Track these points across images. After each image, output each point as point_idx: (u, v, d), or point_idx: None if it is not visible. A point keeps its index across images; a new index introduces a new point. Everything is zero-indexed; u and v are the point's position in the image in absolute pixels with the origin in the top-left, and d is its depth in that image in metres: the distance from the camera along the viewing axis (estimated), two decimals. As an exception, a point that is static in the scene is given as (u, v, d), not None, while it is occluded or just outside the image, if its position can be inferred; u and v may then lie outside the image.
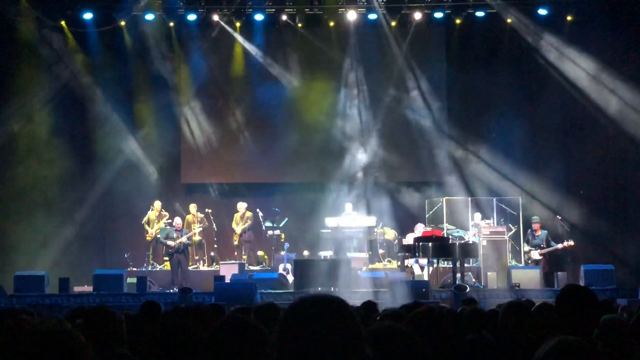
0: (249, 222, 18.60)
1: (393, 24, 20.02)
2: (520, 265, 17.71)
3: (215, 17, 19.75)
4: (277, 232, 18.72)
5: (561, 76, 19.26)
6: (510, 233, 18.04)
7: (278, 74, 20.18)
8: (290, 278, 16.62)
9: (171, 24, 19.83)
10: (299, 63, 20.22)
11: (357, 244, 18.77)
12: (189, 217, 18.42)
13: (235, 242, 18.61)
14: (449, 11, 19.79)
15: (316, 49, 20.18)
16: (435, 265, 17.02)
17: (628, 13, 18.43)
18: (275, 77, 20.14)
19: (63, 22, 19.29)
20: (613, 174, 18.94)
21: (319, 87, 20.10)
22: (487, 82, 19.69)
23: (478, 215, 18.33)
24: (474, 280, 16.99)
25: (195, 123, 20.11)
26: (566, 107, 19.66)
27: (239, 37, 20.06)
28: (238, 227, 18.57)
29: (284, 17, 19.90)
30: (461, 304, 8.49)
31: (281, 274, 16.72)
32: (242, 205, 18.70)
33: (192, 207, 18.60)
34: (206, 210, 18.68)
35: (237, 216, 18.66)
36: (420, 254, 16.11)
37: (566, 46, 19.05)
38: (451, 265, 16.39)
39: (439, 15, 19.80)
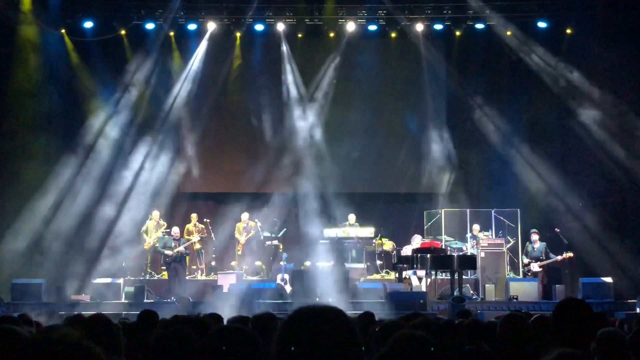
0: (253, 232, 18.59)
1: (393, 35, 20.09)
2: (519, 277, 17.69)
3: (215, 27, 19.80)
4: (276, 242, 18.71)
5: (558, 87, 19.36)
6: (508, 245, 18.03)
7: (278, 84, 20.23)
8: (289, 288, 16.60)
9: (171, 33, 19.91)
10: (299, 73, 20.28)
11: (356, 254, 18.78)
12: (189, 227, 18.40)
13: (239, 252, 18.59)
14: (449, 23, 19.85)
15: (316, 59, 20.24)
16: (433, 277, 16.99)
17: (626, 27, 18.46)
18: (275, 87, 20.20)
19: (63, 31, 19.35)
20: (611, 185, 18.92)
21: (320, 97, 20.15)
22: (487, 92, 19.77)
23: (476, 226, 18.32)
24: (472, 292, 16.97)
25: (195, 132, 20.13)
26: (564, 116, 19.74)
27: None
28: (242, 236, 18.55)
29: (284, 28, 19.95)
30: (457, 316, 8.47)
31: (279, 284, 16.69)
32: (245, 216, 18.69)
33: (193, 217, 18.58)
34: (205, 220, 18.68)
35: (239, 226, 18.64)
36: (419, 265, 16.08)
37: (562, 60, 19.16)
38: (449, 277, 16.36)
39: (438, 27, 19.87)
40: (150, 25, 19.58)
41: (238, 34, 20.05)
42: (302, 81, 20.29)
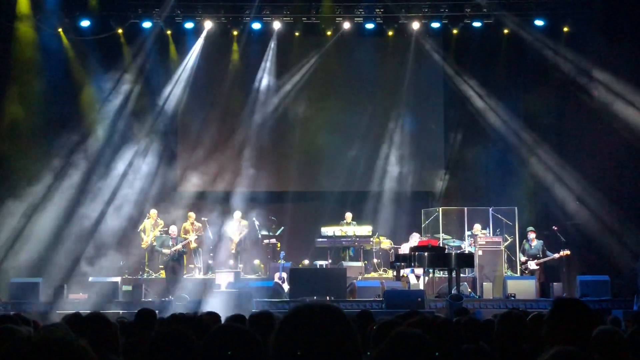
0: (245, 230, 18.59)
1: (390, 33, 20.09)
2: (516, 275, 17.71)
3: (212, 25, 19.79)
4: (273, 240, 18.70)
5: (559, 85, 19.40)
6: (506, 243, 18.04)
7: (275, 83, 20.23)
8: (286, 287, 16.59)
9: (168, 31, 19.91)
10: (296, 72, 20.27)
11: (353, 253, 18.79)
12: (186, 225, 18.38)
13: (233, 251, 18.58)
14: (446, 21, 19.86)
15: (314, 58, 20.22)
16: (431, 275, 17.00)
17: (623, 25, 18.47)
18: (273, 86, 20.19)
19: (60, 30, 19.31)
20: (609, 183, 18.95)
21: (317, 96, 20.16)
22: (484, 91, 19.80)
23: (478, 226, 18.30)
24: (469, 290, 16.99)
25: (192, 130, 20.13)
26: (563, 116, 19.77)
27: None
28: (235, 235, 18.55)
29: (281, 26, 19.93)
30: (454, 314, 8.48)
31: (277, 283, 16.69)
32: (237, 214, 18.69)
33: (191, 216, 18.56)
34: (202, 218, 18.66)
35: (232, 224, 18.62)
36: (417, 263, 16.08)
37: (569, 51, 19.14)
38: (447, 275, 16.36)
39: (436, 25, 19.87)
40: (147, 24, 19.57)
41: (235, 33, 20.03)
42: (300, 81, 20.27)
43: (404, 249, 17.37)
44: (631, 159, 18.51)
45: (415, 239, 17.41)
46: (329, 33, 20.09)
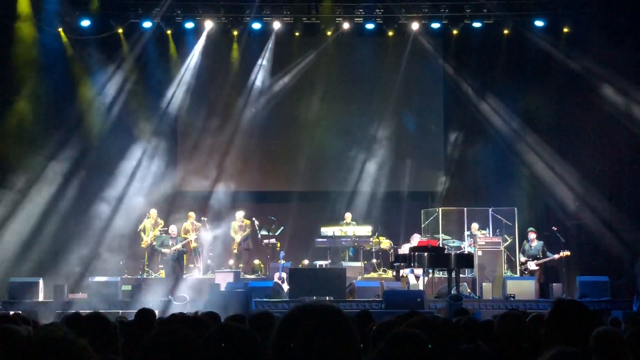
0: (248, 230, 18.59)
1: (390, 33, 20.10)
2: (516, 275, 17.71)
3: (212, 25, 19.80)
4: (273, 240, 18.70)
5: (559, 84, 19.40)
6: (505, 244, 18.03)
7: (276, 83, 20.22)
8: (286, 287, 16.58)
9: (169, 31, 19.92)
10: (297, 72, 20.27)
11: (353, 253, 18.79)
12: (186, 225, 18.37)
13: (235, 251, 18.59)
14: (446, 22, 19.87)
15: (314, 58, 20.22)
16: (430, 275, 16.99)
17: (623, 25, 18.47)
18: (273, 86, 20.19)
19: (61, 29, 19.31)
20: (609, 183, 18.95)
21: (317, 96, 20.15)
22: (484, 91, 19.80)
23: (475, 225, 18.32)
24: (469, 290, 16.98)
25: (192, 130, 20.12)
26: (563, 116, 19.77)
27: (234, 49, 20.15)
28: (237, 235, 18.55)
29: (282, 26, 19.94)
30: (454, 315, 8.48)
31: (276, 283, 16.67)
32: (240, 214, 18.69)
33: (191, 216, 18.56)
34: (202, 218, 18.66)
35: (235, 224, 18.62)
36: (416, 263, 16.07)
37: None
38: (446, 276, 16.35)
39: (436, 25, 19.88)
40: (147, 24, 19.58)
41: (235, 33, 20.04)
42: (299, 81, 20.26)
43: (405, 249, 17.35)
44: (631, 159, 18.51)
45: (416, 240, 17.40)
46: (329, 33, 20.10)
